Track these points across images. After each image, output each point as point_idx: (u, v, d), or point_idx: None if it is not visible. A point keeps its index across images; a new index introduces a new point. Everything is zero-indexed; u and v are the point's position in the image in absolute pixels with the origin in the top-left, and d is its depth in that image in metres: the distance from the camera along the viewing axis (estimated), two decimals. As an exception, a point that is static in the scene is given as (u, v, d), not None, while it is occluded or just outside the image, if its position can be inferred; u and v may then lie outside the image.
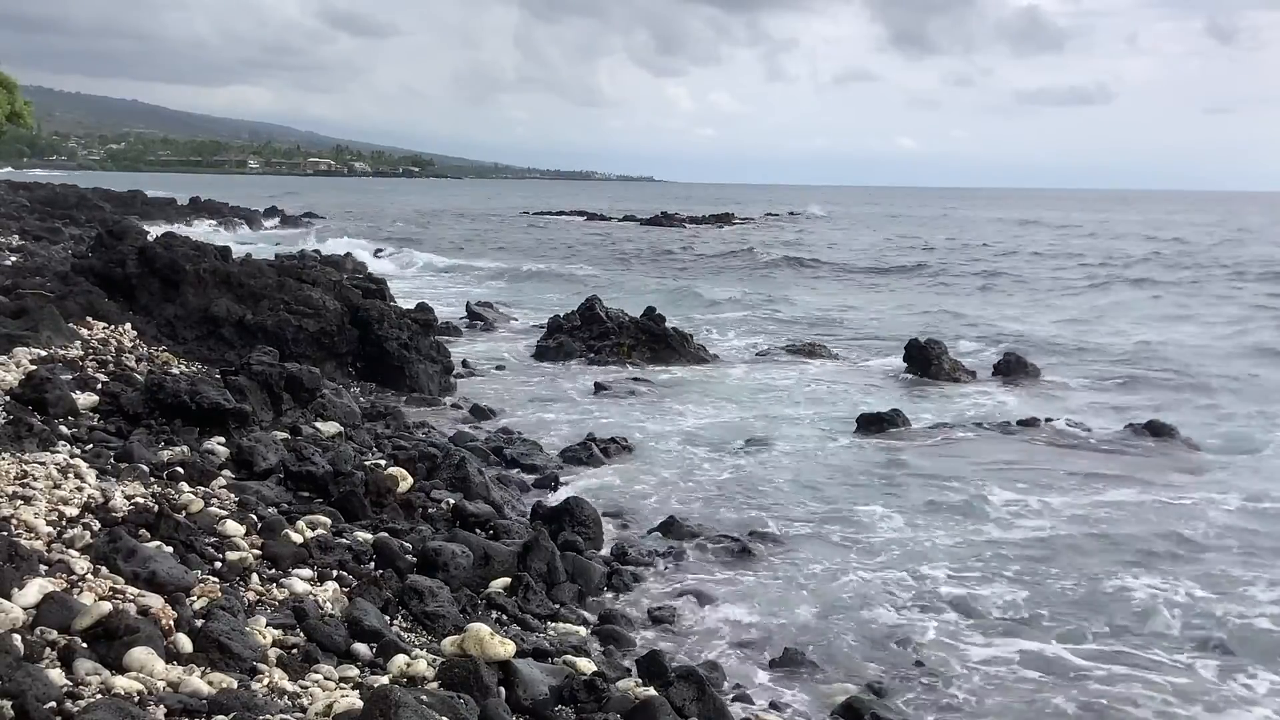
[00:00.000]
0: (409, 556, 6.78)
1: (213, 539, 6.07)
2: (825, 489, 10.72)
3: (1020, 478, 11.25)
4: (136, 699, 3.91)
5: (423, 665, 4.88)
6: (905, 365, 17.48)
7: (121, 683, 3.99)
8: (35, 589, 4.50)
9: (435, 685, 4.68)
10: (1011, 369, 17.33)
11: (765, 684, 6.29)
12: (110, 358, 10.96)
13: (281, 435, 9.05)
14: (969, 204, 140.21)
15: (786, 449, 12.19)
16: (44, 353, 10.22)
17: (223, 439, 8.49)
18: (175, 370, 11.15)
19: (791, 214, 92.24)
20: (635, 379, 16.26)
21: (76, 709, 3.67)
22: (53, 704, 3.67)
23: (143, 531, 5.73)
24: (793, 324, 23.51)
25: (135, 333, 12.77)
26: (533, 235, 58.88)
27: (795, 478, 11.07)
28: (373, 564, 6.54)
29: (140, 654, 4.19)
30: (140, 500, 6.29)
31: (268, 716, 4.01)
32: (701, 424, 13.42)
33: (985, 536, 9.30)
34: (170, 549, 5.56)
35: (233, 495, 7.05)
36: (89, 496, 6.14)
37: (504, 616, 6.32)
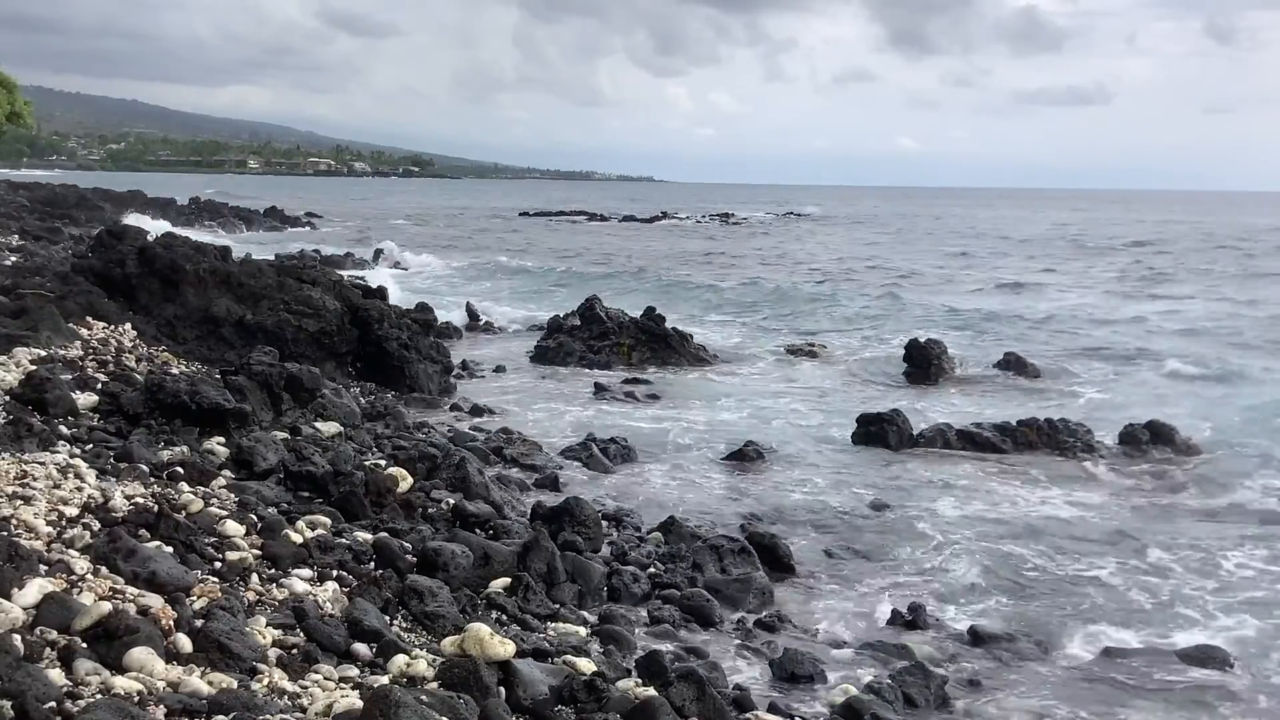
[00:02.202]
0: (409, 556, 6.78)
1: (213, 539, 6.06)
2: (825, 489, 10.72)
3: (1022, 478, 11.26)
4: (136, 699, 3.91)
5: (423, 665, 4.87)
6: (905, 365, 17.50)
7: (121, 683, 3.99)
8: (35, 589, 4.49)
9: (435, 685, 4.68)
10: (1011, 368, 17.37)
11: (765, 684, 6.29)
12: (110, 358, 10.95)
13: (281, 435, 9.05)
14: (954, 204, 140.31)
15: (786, 449, 12.19)
16: (44, 353, 10.22)
17: (223, 439, 8.49)
18: (175, 370, 11.15)
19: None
20: (635, 379, 16.27)
21: (76, 709, 3.67)
22: (53, 704, 3.67)
23: (143, 531, 5.73)
24: (794, 323, 23.51)
25: (135, 333, 12.77)
26: (533, 235, 58.89)
27: (795, 478, 11.08)
28: (373, 564, 6.53)
29: (140, 654, 4.19)
30: (140, 500, 6.29)
31: (268, 716, 4.01)
32: (701, 424, 13.42)
33: (985, 537, 9.29)
34: (170, 549, 5.56)
35: (233, 495, 7.05)
36: (89, 496, 6.14)
37: (504, 616, 6.31)
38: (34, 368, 9.22)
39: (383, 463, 9.09)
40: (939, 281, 33.90)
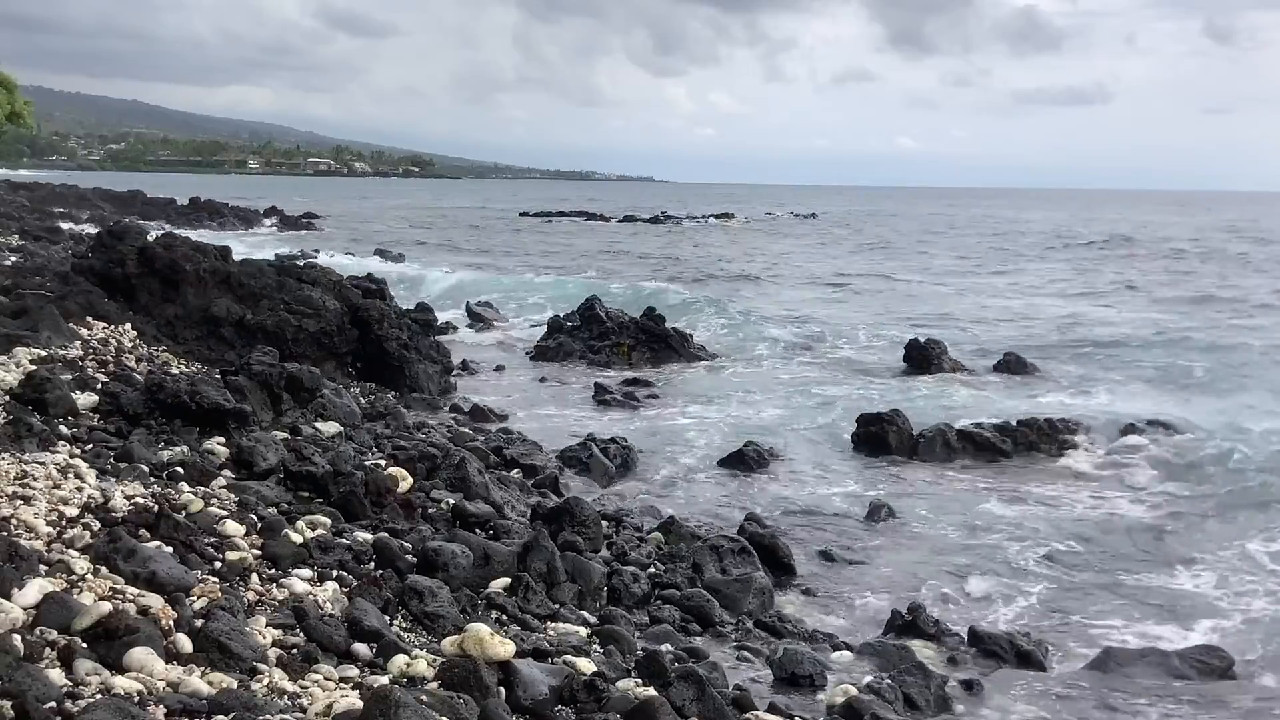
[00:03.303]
0: (409, 556, 6.77)
1: (213, 539, 6.05)
2: (825, 489, 10.72)
3: (1022, 479, 11.26)
4: (136, 699, 3.90)
5: (423, 665, 4.87)
6: (905, 364, 17.52)
7: (121, 683, 3.99)
8: (35, 589, 4.49)
9: (435, 685, 4.67)
10: (1011, 368, 17.38)
11: (765, 684, 6.29)
12: (110, 358, 10.95)
13: (281, 435, 9.04)
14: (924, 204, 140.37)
15: (786, 449, 12.19)
16: (44, 353, 10.21)
17: (223, 439, 8.48)
18: (175, 370, 11.15)
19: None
20: (635, 379, 16.26)
21: (76, 709, 3.67)
22: (53, 704, 3.66)
23: (143, 531, 5.72)
24: (794, 323, 23.51)
25: (135, 333, 12.75)
26: (532, 236, 58.89)
27: (795, 478, 11.08)
28: (373, 564, 6.52)
29: (140, 654, 4.19)
30: (140, 500, 6.28)
31: (268, 716, 4.01)
32: (701, 424, 13.42)
33: (986, 538, 9.29)
34: (170, 549, 5.55)
35: (233, 495, 7.03)
36: (89, 496, 6.13)
37: (504, 616, 6.30)
38: (34, 368, 9.21)
39: (383, 463, 9.08)
40: (941, 282, 33.94)
